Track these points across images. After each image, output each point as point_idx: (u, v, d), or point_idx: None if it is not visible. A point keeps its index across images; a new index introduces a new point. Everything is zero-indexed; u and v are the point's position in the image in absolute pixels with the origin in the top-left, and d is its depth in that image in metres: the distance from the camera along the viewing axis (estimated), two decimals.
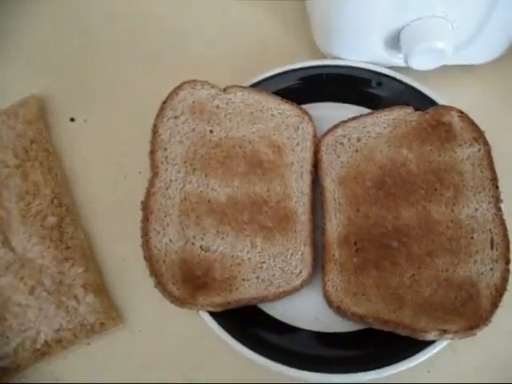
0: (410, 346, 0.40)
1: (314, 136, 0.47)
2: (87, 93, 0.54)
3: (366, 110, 0.48)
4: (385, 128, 0.46)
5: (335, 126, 0.47)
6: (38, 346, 0.44)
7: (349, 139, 0.46)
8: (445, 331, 0.37)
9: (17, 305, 0.44)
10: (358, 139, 0.46)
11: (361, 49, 0.48)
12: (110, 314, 0.45)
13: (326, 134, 0.47)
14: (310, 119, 0.47)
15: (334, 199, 0.44)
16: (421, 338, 0.38)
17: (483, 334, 0.38)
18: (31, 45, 0.57)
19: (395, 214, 0.42)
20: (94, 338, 0.44)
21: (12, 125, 0.51)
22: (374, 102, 0.48)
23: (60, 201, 0.48)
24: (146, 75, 0.54)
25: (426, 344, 0.39)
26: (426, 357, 0.39)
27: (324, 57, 0.51)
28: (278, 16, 0.57)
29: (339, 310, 0.40)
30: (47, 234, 0.47)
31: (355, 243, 0.42)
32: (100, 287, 0.46)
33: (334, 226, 0.43)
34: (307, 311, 0.43)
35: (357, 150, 0.46)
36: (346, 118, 0.47)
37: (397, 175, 0.44)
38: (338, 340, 0.42)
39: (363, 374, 0.39)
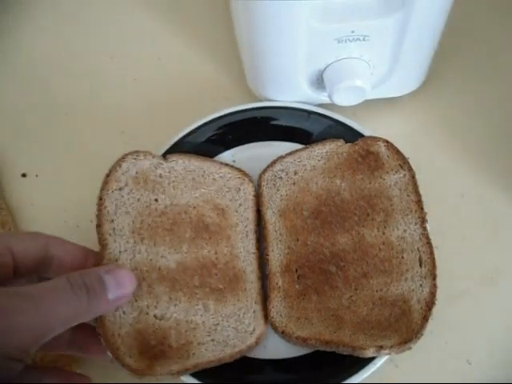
0: (353, 364, 0.44)
1: (255, 196, 0.51)
2: (38, 149, 0.59)
3: (299, 146, 0.53)
4: (319, 160, 0.51)
5: (274, 162, 0.52)
6: None
7: (286, 173, 0.52)
8: (381, 347, 0.42)
9: None
10: (295, 172, 0.51)
11: (289, 90, 0.54)
12: (73, 357, 0.48)
13: (265, 169, 0.52)
14: (250, 180, 0.52)
15: (275, 231, 0.49)
16: (360, 356, 0.42)
17: (422, 347, 0.43)
18: None
19: (332, 240, 0.48)
20: None
21: None
22: (307, 138, 0.54)
23: None
24: (93, 130, 0.60)
25: (368, 361, 0.44)
26: (369, 373, 0.43)
27: (258, 99, 0.57)
28: (215, 63, 0.63)
29: (284, 335, 0.45)
30: None
31: (296, 270, 0.47)
32: None
33: (276, 255, 0.48)
34: None
35: (294, 183, 0.51)
36: (282, 154, 0.53)
37: (332, 204, 0.49)
38: (286, 365, 0.46)
39: None
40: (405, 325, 0.43)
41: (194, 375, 0.44)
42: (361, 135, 0.52)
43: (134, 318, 0.44)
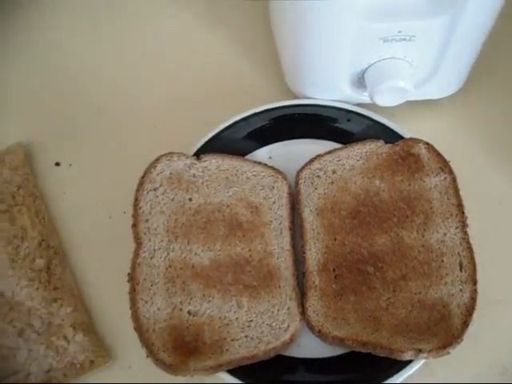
0: (388, 367, 0.44)
1: (290, 193, 0.51)
2: (72, 139, 0.59)
3: (338, 145, 0.53)
4: (358, 160, 0.51)
5: (312, 160, 0.52)
6: None
7: (325, 172, 0.51)
8: (420, 350, 0.42)
9: (5, 348, 0.47)
10: (334, 171, 0.51)
11: (329, 88, 0.54)
12: (99, 352, 0.48)
13: (303, 167, 0.52)
14: (284, 178, 0.52)
15: (313, 229, 0.49)
16: (398, 358, 0.42)
17: (457, 351, 0.42)
18: (17, 94, 0.62)
19: (370, 241, 0.47)
20: (84, 377, 0.47)
21: None
22: (345, 137, 0.54)
23: (48, 243, 0.52)
24: (126, 124, 0.60)
25: (404, 364, 0.44)
26: (404, 377, 0.43)
27: (295, 97, 0.57)
28: (251, 59, 0.63)
29: (320, 335, 0.44)
30: (35, 276, 0.50)
31: (334, 270, 0.47)
32: (89, 326, 0.49)
33: (314, 254, 0.48)
34: None
35: (332, 182, 0.51)
36: (321, 152, 0.52)
37: (370, 204, 0.49)
38: (320, 365, 0.46)
39: None
40: (444, 329, 0.43)
41: (229, 373, 0.44)
42: (400, 137, 0.52)
43: (168, 313, 0.45)
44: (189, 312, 0.45)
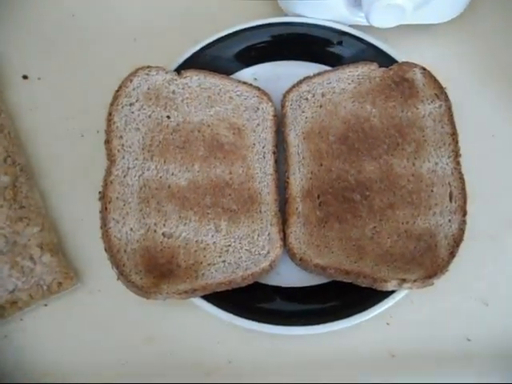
0: (369, 298, 0.42)
1: (275, 116, 0.48)
2: (41, 50, 0.54)
3: (327, 69, 0.49)
4: (349, 84, 0.48)
5: (300, 82, 0.49)
6: None
7: (313, 95, 0.48)
8: (404, 280, 0.39)
9: None
10: (323, 95, 0.48)
11: (322, 7, 0.50)
12: (67, 274, 0.45)
13: (290, 89, 0.48)
14: (270, 99, 0.48)
15: (298, 153, 0.46)
16: (380, 288, 0.40)
17: (439, 284, 0.41)
18: None
19: (358, 168, 0.45)
20: (51, 299, 0.45)
21: None
22: (336, 61, 0.50)
23: (13, 159, 0.48)
24: (103, 34, 0.54)
25: (385, 295, 0.42)
26: (385, 307, 0.41)
27: (285, 15, 0.53)
28: None
29: (302, 262, 0.42)
30: (0, 194, 0.46)
31: (318, 196, 0.44)
32: (57, 247, 0.46)
33: (298, 179, 0.45)
34: None
35: (321, 106, 0.47)
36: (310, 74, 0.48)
37: (360, 130, 0.46)
38: (298, 294, 0.44)
39: (323, 325, 0.41)
40: (430, 259, 0.41)
41: (204, 299, 0.42)
42: (394, 61, 0.48)
43: (142, 235, 0.42)
44: (163, 234, 0.43)
